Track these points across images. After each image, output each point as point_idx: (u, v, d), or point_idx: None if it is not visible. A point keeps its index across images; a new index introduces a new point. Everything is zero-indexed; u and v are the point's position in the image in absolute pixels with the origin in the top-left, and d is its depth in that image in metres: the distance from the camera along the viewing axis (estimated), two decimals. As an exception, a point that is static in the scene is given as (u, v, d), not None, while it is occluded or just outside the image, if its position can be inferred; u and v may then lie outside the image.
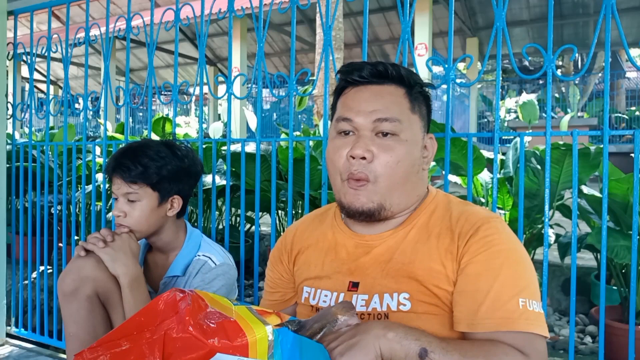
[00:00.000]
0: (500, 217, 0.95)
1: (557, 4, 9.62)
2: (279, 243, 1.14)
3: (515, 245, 0.89)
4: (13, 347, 2.29)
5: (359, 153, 0.90)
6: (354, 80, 0.96)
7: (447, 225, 0.93)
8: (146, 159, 1.34)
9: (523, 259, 0.88)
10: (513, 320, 0.81)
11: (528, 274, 0.87)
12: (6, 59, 2.33)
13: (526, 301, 0.82)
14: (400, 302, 0.89)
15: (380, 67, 0.95)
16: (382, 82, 0.95)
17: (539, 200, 2.02)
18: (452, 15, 1.41)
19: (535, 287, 0.87)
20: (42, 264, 2.49)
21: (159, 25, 1.88)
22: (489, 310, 0.82)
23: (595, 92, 12.39)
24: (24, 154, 2.43)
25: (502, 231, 0.90)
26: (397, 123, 0.92)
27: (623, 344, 1.43)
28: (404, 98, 0.95)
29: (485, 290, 0.83)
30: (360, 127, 0.93)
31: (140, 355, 0.66)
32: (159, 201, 1.37)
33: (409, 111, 0.95)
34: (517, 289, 0.83)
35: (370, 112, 0.92)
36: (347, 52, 11.34)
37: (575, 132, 1.34)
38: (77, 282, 1.25)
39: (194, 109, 15.04)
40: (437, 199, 1.00)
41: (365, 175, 0.91)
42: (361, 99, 0.94)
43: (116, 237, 1.31)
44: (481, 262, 0.86)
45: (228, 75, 1.72)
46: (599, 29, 1.30)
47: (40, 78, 14.23)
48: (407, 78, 0.96)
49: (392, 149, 0.91)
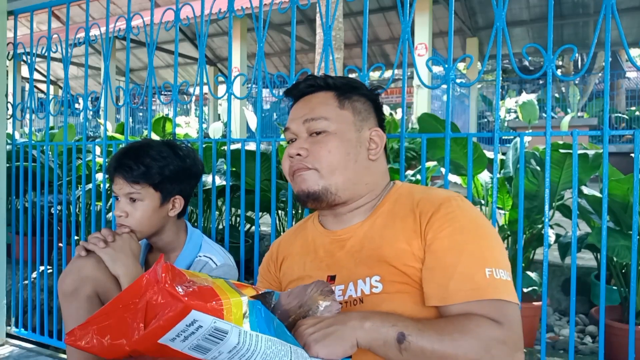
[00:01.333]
0: (461, 195, 1.00)
1: (557, 4, 9.61)
2: (266, 256, 1.23)
3: (477, 219, 0.94)
4: (13, 347, 2.29)
5: (293, 152, 1.04)
6: (295, 96, 1.13)
7: (410, 208, 0.99)
8: (148, 159, 1.34)
9: (486, 231, 0.93)
10: (481, 289, 0.85)
11: (493, 244, 0.91)
12: (6, 59, 2.33)
13: (492, 270, 0.86)
14: (373, 285, 0.94)
15: (310, 81, 1.10)
16: (314, 91, 1.10)
17: (539, 201, 2.01)
18: (452, 15, 1.41)
19: (502, 256, 0.91)
20: (42, 264, 2.49)
21: (159, 25, 1.89)
22: (458, 282, 0.86)
23: (595, 92, 12.38)
24: (24, 154, 2.43)
25: (463, 207, 0.95)
26: (323, 120, 1.04)
27: (623, 344, 1.43)
28: (332, 99, 1.07)
29: (453, 264, 0.88)
30: (297, 132, 1.06)
31: (124, 324, 0.69)
32: (160, 201, 1.36)
33: (337, 109, 1.06)
34: (482, 260, 0.87)
35: (300, 117, 1.06)
36: (347, 52, 11.36)
37: (575, 132, 1.34)
38: (77, 282, 1.25)
39: (194, 109, 15.04)
40: (402, 189, 1.08)
41: (303, 165, 1.02)
42: (296, 108, 1.10)
43: (117, 237, 1.30)
44: (446, 238, 0.91)
45: (228, 75, 1.72)
46: (599, 29, 1.31)
47: (40, 78, 14.23)
48: (334, 83, 1.09)
49: (323, 142, 1.02)
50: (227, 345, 0.67)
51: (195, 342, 0.66)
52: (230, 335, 0.67)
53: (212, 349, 0.67)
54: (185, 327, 0.65)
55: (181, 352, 0.67)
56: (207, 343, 0.67)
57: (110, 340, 0.70)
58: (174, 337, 0.65)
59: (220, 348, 0.67)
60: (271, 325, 0.74)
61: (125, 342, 0.68)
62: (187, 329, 0.65)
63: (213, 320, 0.66)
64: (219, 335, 0.67)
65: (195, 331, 0.65)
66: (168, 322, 0.65)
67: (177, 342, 0.66)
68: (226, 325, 0.67)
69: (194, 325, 0.65)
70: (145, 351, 0.68)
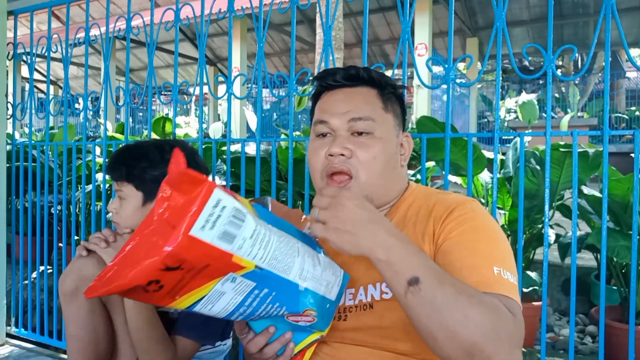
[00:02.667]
0: (476, 200, 0.98)
1: (557, 4, 9.61)
2: None
3: (490, 222, 0.92)
4: (13, 347, 2.29)
5: (337, 151, 0.94)
6: (328, 85, 1.01)
7: (425, 212, 0.96)
8: (131, 160, 1.36)
9: (498, 235, 0.90)
10: (489, 283, 0.82)
11: (503, 248, 0.89)
12: (6, 59, 2.33)
13: (500, 270, 0.83)
14: (383, 291, 0.91)
15: (352, 71, 1.00)
16: (355, 85, 1.00)
17: (539, 201, 2.02)
18: (452, 15, 1.41)
19: (511, 261, 0.88)
20: (42, 264, 2.49)
21: (159, 25, 1.89)
22: (466, 275, 0.82)
23: (595, 92, 12.37)
24: (24, 154, 2.43)
25: (476, 210, 0.93)
26: (371, 122, 0.96)
27: (623, 344, 1.43)
28: (376, 98, 0.99)
29: (462, 258, 0.85)
30: (336, 128, 0.97)
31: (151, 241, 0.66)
32: (143, 201, 1.38)
33: (382, 110, 0.99)
34: (492, 259, 0.85)
35: (344, 113, 0.97)
36: (347, 52, 11.35)
37: (575, 132, 1.34)
38: (77, 282, 1.25)
39: (194, 109, 15.03)
40: (416, 192, 1.04)
41: (347, 168, 0.94)
42: (335, 101, 0.99)
43: (118, 237, 1.31)
44: (456, 237, 0.88)
45: (228, 75, 1.72)
46: (599, 29, 1.31)
47: (40, 78, 14.22)
48: (378, 80, 1.00)
49: (368, 146, 0.95)
50: (248, 229, 0.68)
51: (222, 229, 0.66)
52: (248, 217, 0.68)
53: (237, 236, 0.67)
54: (212, 209, 0.65)
55: (211, 245, 0.65)
56: (231, 228, 0.67)
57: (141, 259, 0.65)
58: (203, 224, 0.65)
59: (243, 233, 0.68)
60: (275, 223, 0.76)
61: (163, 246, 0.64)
62: (213, 211, 0.65)
63: (233, 201, 0.68)
64: (240, 217, 0.68)
65: (220, 214, 0.66)
66: (198, 206, 0.64)
67: (206, 231, 0.65)
68: (243, 207, 0.69)
69: (219, 205, 0.66)
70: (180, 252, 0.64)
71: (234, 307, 0.75)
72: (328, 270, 0.81)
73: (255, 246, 0.70)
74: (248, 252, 0.69)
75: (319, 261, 0.80)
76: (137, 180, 1.35)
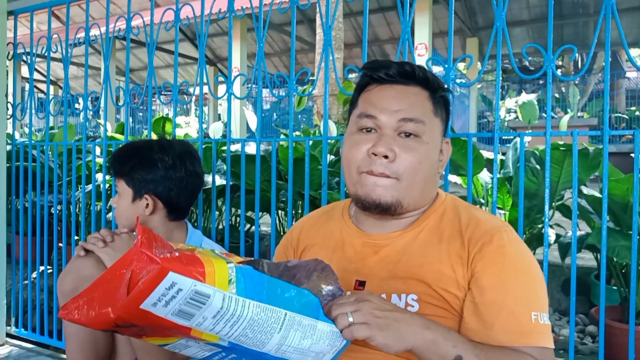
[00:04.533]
0: (510, 226, 0.95)
1: (557, 4, 9.61)
2: (284, 239, 1.14)
3: (528, 257, 0.91)
4: (13, 347, 2.29)
5: (382, 151, 0.89)
6: (380, 78, 0.95)
7: (457, 229, 0.93)
8: (124, 157, 1.41)
9: (535, 272, 0.90)
10: (526, 334, 0.83)
11: (539, 287, 0.89)
12: (6, 59, 2.33)
13: (538, 315, 0.84)
14: (408, 304, 0.89)
15: (407, 67, 0.94)
16: (408, 83, 0.94)
17: (539, 200, 2.01)
18: (452, 15, 1.41)
19: (545, 299, 0.88)
20: (42, 264, 2.49)
21: (159, 25, 1.88)
22: (504, 324, 0.84)
23: (595, 92, 12.38)
24: (24, 154, 2.43)
25: (514, 242, 0.91)
26: (421, 124, 0.92)
27: (623, 344, 1.43)
28: (427, 100, 0.95)
29: (500, 303, 0.85)
30: (384, 126, 0.92)
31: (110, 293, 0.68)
32: (132, 197, 1.41)
33: (432, 114, 0.95)
34: (529, 303, 0.85)
35: (395, 111, 0.92)
36: (347, 52, 11.34)
37: (575, 132, 1.34)
38: (76, 282, 1.25)
39: (194, 109, 15.03)
40: (447, 202, 1.00)
41: (386, 175, 0.91)
42: (386, 97, 0.93)
43: (116, 237, 1.31)
44: (495, 275, 0.87)
45: (228, 75, 1.72)
46: (599, 29, 1.30)
47: (40, 78, 14.22)
48: (432, 81, 0.95)
49: (415, 149, 0.91)
50: (210, 309, 0.66)
51: (177, 307, 0.65)
52: (213, 299, 0.66)
53: (196, 314, 0.66)
54: (165, 290, 0.64)
55: (165, 318, 0.66)
56: (189, 308, 0.66)
57: (98, 309, 0.69)
58: (155, 301, 0.64)
59: (204, 313, 0.66)
60: (263, 291, 0.72)
61: (111, 309, 0.67)
62: (167, 292, 0.64)
63: (193, 284, 0.65)
64: (201, 299, 0.65)
65: (175, 295, 0.64)
66: (147, 285, 0.63)
67: (159, 308, 0.65)
68: (208, 288, 0.66)
69: (174, 288, 0.64)
70: (130, 318, 0.67)
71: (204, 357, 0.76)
72: (323, 341, 0.75)
73: (219, 324, 0.68)
74: (210, 329, 0.68)
75: (313, 332, 0.74)
76: (126, 177, 1.41)
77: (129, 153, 1.42)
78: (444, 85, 0.98)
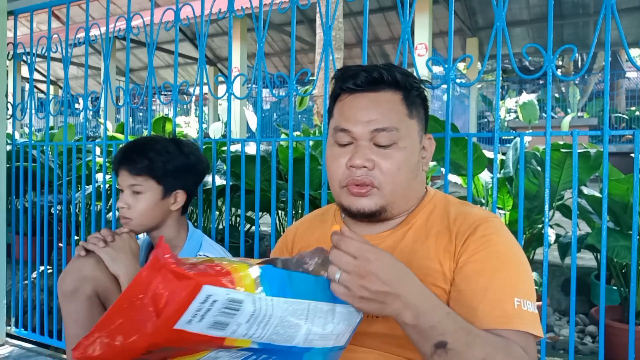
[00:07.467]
0: (498, 217, 0.96)
1: (557, 4, 9.61)
2: (279, 243, 1.15)
3: (513, 246, 0.91)
4: (13, 347, 2.29)
5: (360, 163, 0.91)
6: (349, 88, 0.95)
7: (446, 224, 0.94)
8: (152, 153, 1.37)
9: (520, 259, 0.90)
10: (509, 318, 0.83)
11: (524, 275, 0.88)
12: (6, 59, 2.33)
13: (521, 301, 0.84)
14: None
15: (375, 74, 0.93)
16: (378, 89, 0.94)
17: (539, 201, 2.02)
18: (452, 15, 1.41)
19: (531, 287, 0.88)
20: (42, 264, 2.49)
21: (159, 25, 1.88)
22: (487, 308, 0.83)
23: (595, 92, 12.37)
24: (24, 154, 2.43)
25: (500, 231, 0.91)
26: (395, 132, 0.92)
27: (623, 344, 1.43)
28: (400, 105, 0.94)
29: (483, 288, 0.85)
30: (359, 137, 0.92)
31: (134, 322, 0.65)
32: (162, 195, 1.39)
33: (406, 117, 0.94)
34: (513, 289, 0.85)
35: (367, 122, 0.92)
36: (347, 52, 11.34)
37: (575, 132, 1.34)
38: (77, 282, 1.25)
39: (194, 109, 15.03)
40: (435, 199, 1.01)
41: (370, 180, 0.91)
42: (358, 107, 0.93)
43: (116, 237, 1.31)
44: (479, 261, 0.87)
45: (228, 75, 1.72)
46: (599, 29, 1.30)
47: (40, 78, 14.21)
48: (403, 82, 0.94)
49: (391, 156, 0.92)
50: (244, 315, 0.66)
51: (212, 320, 0.64)
52: (246, 303, 0.66)
53: (231, 322, 0.66)
54: (199, 305, 0.63)
55: (200, 333, 0.65)
56: (224, 317, 0.65)
57: (123, 340, 0.66)
58: (190, 318, 0.63)
59: (238, 319, 0.66)
60: (286, 286, 0.72)
61: (138, 337, 0.65)
62: (201, 306, 0.63)
63: (227, 292, 0.65)
64: (234, 306, 0.65)
65: (210, 307, 0.64)
66: (182, 303, 0.62)
67: (194, 324, 0.64)
68: (239, 294, 0.66)
69: (209, 300, 0.63)
70: (163, 341, 0.65)
71: None
72: (343, 322, 0.76)
73: (252, 328, 0.68)
74: (244, 334, 0.68)
75: (332, 316, 0.75)
76: (158, 174, 1.37)
77: (158, 149, 1.38)
78: (416, 83, 0.97)
